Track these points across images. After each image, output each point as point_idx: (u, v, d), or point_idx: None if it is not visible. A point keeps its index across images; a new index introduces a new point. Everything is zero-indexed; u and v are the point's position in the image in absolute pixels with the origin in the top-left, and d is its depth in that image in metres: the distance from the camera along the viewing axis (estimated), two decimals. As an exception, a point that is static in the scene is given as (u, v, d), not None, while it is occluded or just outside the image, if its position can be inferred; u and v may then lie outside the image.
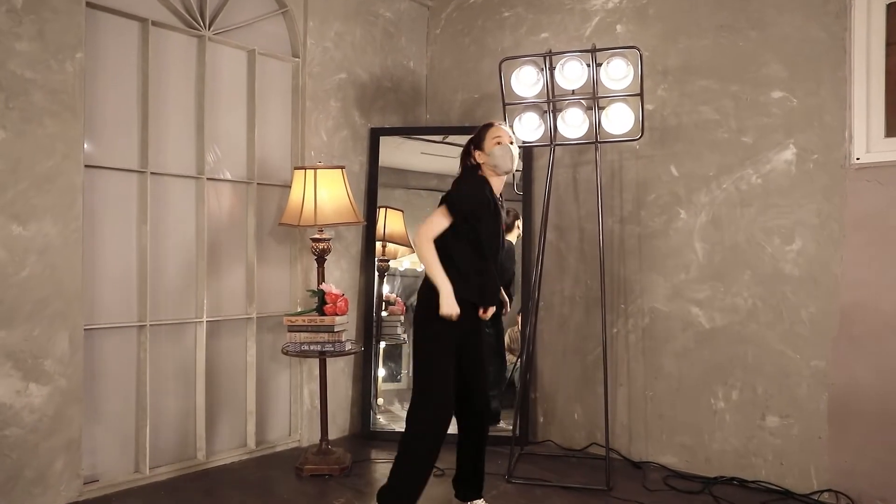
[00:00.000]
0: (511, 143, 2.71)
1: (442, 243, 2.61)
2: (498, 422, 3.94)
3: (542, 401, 3.97)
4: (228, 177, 3.60)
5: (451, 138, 4.23)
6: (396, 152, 4.22)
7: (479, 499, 2.87)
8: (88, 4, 2.98)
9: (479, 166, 2.72)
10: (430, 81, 4.58)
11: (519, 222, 4.01)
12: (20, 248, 2.75)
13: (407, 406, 2.74)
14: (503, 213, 2.79)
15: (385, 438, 3.90)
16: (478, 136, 2.74)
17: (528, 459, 3.59)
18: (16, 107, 2.72)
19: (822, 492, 3.02)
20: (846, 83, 3.02)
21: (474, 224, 2.62)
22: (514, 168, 2.73)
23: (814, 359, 3.08)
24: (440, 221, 2.60)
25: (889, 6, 2.95)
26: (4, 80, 2.69)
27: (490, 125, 2.77)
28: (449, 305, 2.54)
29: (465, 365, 2.72)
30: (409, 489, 2.57)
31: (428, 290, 2.62)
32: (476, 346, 2.77)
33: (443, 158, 4.28)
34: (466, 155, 2.76)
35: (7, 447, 2.70)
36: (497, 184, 2.73)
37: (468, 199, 2.62)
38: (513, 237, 3.99)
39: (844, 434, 2.99)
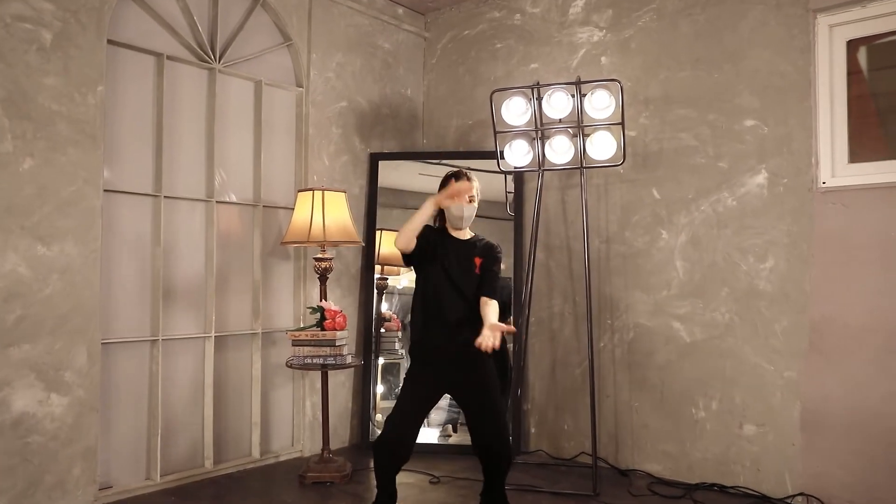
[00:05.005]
0: (470, 201, 2.77)
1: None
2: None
3: (533, 412, 4.15)
4: (236, 200, 3.81)
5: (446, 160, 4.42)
6: (395, 173, 4.43)
7: None
8: (110, 42, 3.21)
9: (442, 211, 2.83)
10: (426, 108, 4.81)
11: None
12: (44, 268, 2.95)
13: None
14: (466, 257, 2.78)
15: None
16: (441, 185, 2.84)
17: (519, 468, 3.75)
18: (43, 136, 2.94)
19: (795, 496, 3.20)
20: (812, 113, 3.25)
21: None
22: (464, 225, 2.80)
23: (787, 370, 3.27)
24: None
25: (849, 42, 3.19)
26: (33, 112, 2.91)
27: (450, 177, 2.81)
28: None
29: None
30: None
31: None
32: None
33: (439, 179, 4.47)
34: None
35: (30, 453, 2.88)
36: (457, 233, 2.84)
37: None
38: None
39: (816, 441, 3.18)
